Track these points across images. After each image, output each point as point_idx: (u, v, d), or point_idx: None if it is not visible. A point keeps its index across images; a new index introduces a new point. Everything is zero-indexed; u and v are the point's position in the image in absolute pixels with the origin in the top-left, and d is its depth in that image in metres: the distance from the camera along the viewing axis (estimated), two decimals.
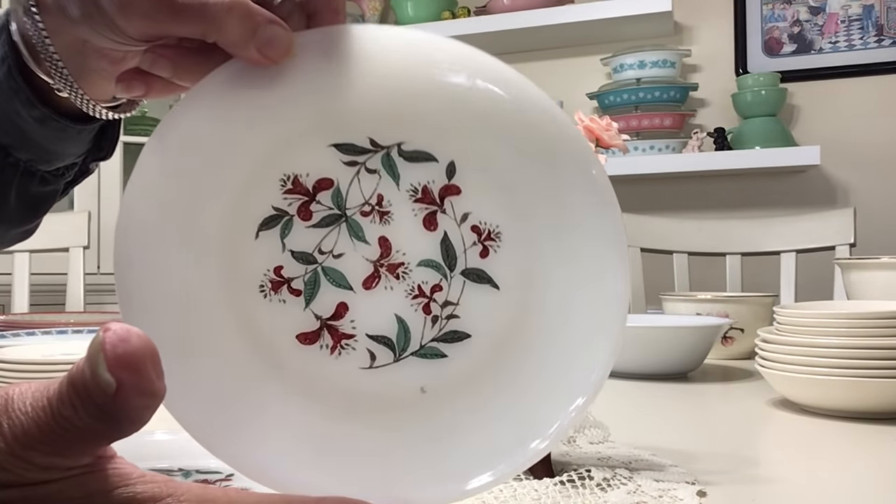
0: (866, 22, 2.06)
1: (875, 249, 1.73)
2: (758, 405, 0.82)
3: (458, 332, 0.39)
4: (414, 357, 0.39)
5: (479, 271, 0.40)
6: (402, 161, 0.39)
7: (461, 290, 0.39)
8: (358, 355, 0.39)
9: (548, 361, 0.39)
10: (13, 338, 0.97)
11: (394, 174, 0.39)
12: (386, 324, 0.39)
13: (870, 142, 2.05)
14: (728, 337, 1.14)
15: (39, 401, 0.27)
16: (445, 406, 0.39)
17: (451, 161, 0.39)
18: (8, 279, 1.71)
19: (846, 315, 0.74)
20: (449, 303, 0.39)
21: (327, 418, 0.38)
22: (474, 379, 0.39)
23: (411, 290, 0.39)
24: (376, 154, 0.39)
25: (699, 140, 2.04)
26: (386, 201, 0.39)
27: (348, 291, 0.39)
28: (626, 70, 2.08)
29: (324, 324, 0.39)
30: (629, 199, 2.15)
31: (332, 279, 0.39)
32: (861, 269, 1.07)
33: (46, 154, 0.52)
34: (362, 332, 0.39)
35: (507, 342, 0.39)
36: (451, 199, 0.40)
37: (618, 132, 1.09)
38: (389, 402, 0.39)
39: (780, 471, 0.58)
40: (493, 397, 0.39)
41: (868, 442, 0.67)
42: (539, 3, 2.14)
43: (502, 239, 0.40)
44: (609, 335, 0.38)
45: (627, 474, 0.52)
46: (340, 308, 0.39)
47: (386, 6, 2.41)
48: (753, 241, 1.69)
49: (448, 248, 0.39)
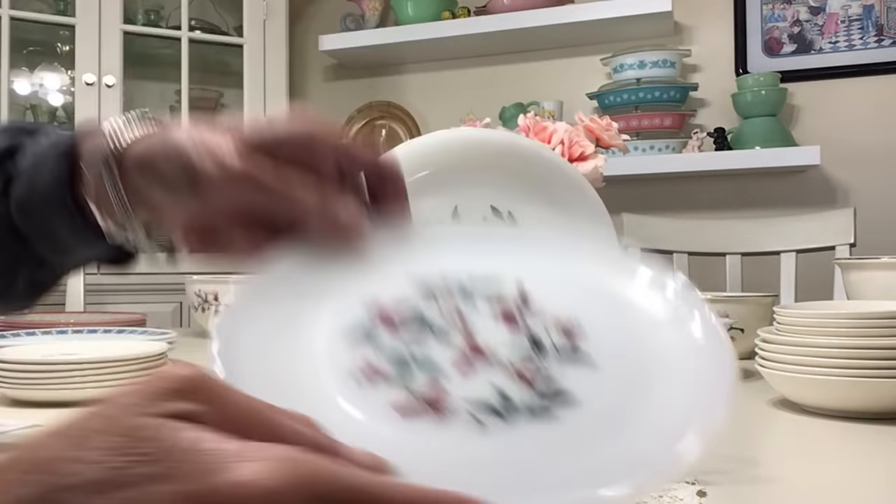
0: (866, 22, 2.06)
1: (875, 249, 1.73)
2: (758, 405, 0.82)
3: (566, 397, 0.37)
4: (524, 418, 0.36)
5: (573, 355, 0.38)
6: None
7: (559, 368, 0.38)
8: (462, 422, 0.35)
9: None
10: (13, 338, 0.97)
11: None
12: (485, 393, 0.36)
13: (870, 142, 2.05)
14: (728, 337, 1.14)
15: None
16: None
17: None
18: None
19: (846, 315, 0.74)
20: (550, 377, 0.37)
21: None
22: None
23: (507, 369, 0.37)
24: None
25: (699, 140, 2.04)
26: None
27: (440, 374, 0.37)
28: (626, 70, 2.08)
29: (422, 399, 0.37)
30: (629, 199, 2.15)
31: (422, 366, 0.37)
32: (861, 269, 1.07)
33: (64, 252, 0.52)
34: (461, 400, 0.36)
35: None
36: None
37: (618, 132, 1.09)
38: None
39: (780, 471, 0.58)
40: None
41: (868, 442, 0.67)
42: (539, 3, 2.14)
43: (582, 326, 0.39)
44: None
45: None
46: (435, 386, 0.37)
47: (386, 6, 2.41)
48: (753, 241, 1.69)
49: (536, 341, 0.39)
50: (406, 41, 2.27)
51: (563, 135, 0.98)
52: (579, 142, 0.98)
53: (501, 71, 2.38)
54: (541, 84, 2.32)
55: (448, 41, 2.26)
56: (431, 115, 2.45)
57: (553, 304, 0.40)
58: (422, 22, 2.26)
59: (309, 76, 2.61)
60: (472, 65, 2.41)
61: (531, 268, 0.42)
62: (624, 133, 1.12)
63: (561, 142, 0.97)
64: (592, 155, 0.98)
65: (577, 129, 1.01)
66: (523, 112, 1.08)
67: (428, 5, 2.27)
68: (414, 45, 2.30)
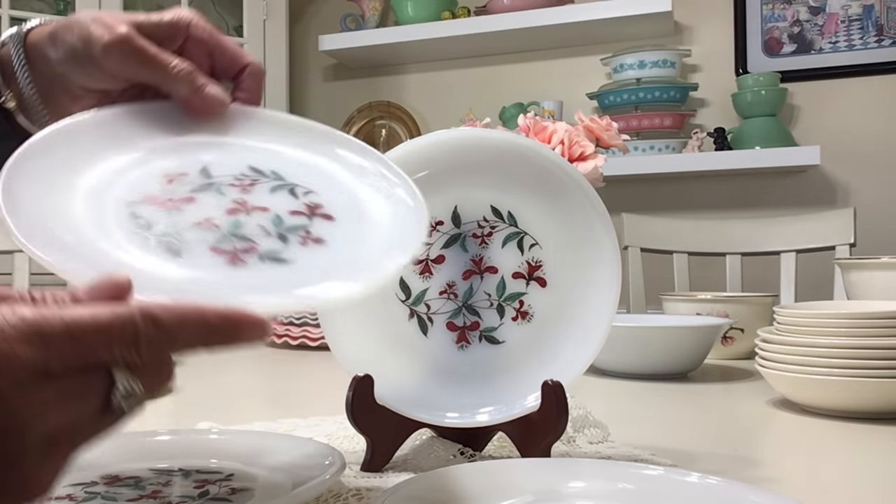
0: (866, 22, 2.06)
1: (875, 249, 1.73)
2: (758, 405, 0.82)
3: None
4: None
5: None
6: None
7: None
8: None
9: None
10: None
11: None
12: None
13: (870, 142, 2.05)
14: (728, 337, 1.14)
15: None
16: None
17: None
18: (8, 279, 1.71)
19: (846, 315, 0.74)
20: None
21: None
22: None
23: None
24: None
25: (699, 140, 2.04)
26: None
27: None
28: (626, 70, 2.08)
29: None
30: (629, 199, 2.15)
31: None
32: (861, 269, 1.07)
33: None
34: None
35: None
36: None
37: (618, 132, 1.09)
38: None
39: (780, 471, 0.58)
40: None
41: (868, 442, 0.67)
42: (539, 3, 2.14)
43: None
44: None
45: None
46: None
47: (386, 6, 2.41)
48: (753, 241, 1.69)
49: None
50: (406, 41, 2.27)
51: (563, 135, 0.98)
52: (579, 142, 0.98)
53: (501, 71, 2.38)
54: (541, 84, 2.32)
55: (448, 41, 2.26)
56: (431, 115, 2.45)
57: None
58: (422, 22, 2.26)
59: (309, 76, 2.61)
60: (472, 65, 2.41)
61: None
62: (624, 133, 1.12)
63: (561, 142, 0.97)
64: (592, 155, 0.98)
65: (577, 129, 1.01)
66: (523, 112, 1.08)
67: (428, 5, 2.27)
68: (414, 45, 2.30)
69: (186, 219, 0.43)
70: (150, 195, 0.44)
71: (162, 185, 0.45)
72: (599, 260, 0.57)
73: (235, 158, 0.49)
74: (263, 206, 0.45)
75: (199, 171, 0.47)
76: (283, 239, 0.43)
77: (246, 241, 0.42)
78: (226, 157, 0.49)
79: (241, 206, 0.45)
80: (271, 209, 0.45)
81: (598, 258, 0.57)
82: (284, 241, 0.43)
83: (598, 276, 0.57)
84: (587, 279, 0.58)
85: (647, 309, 1.68)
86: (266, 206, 0.45)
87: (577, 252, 0.58)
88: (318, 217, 0.46)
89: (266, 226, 0.44)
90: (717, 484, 0.44)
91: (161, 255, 0.40)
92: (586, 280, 0.58)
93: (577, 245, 0.58)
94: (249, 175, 0.48)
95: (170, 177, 0.46)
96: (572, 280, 0.58)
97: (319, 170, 0.50)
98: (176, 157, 0.48)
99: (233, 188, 0.46)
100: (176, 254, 0.40)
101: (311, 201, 0.47)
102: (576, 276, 0.58)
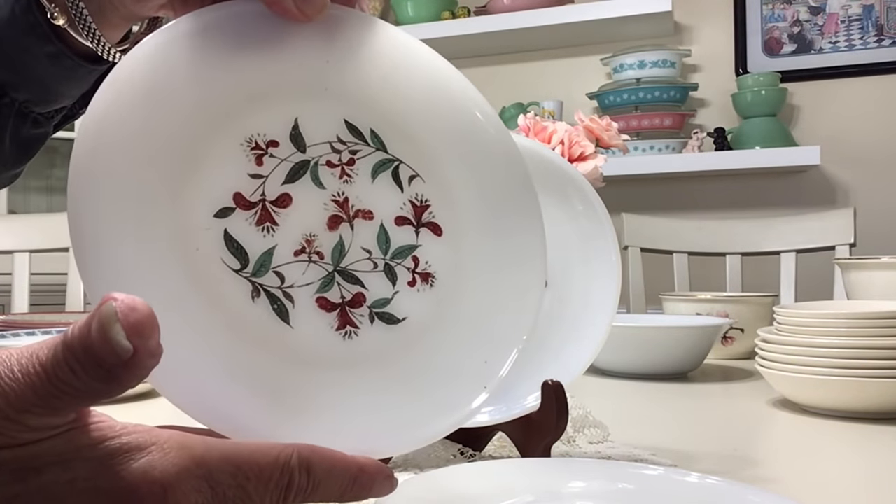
0: (866, 22, 2.06)
1: (875, 249, 1.73)
2: (758, 405, 0.82)
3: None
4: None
5: None
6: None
7: None
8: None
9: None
10: (13, 338, 0.97)
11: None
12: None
13: (870, 142, 2.05)
14: (728, 337, 1.14)
15: (30, 366, 0.27)
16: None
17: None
18: (8, 279, 1.71)
19: (846, 315, 0.74)
20: None
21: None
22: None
23: None
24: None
25: (699, 140, 2.04)
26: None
27: None
28: (626, 70, 2.08)
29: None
30: (629, 199, 2.15)
31: None
32: (861, 269, 1.07)
33: (47, 94, 0.52)
34: None
35: None
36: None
37: (618, 132, 1.09)
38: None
39: (780, 471, 0.58)
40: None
41: (868, 442, 0.67)
42: (539, 3, 2.14)
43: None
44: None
45: None
46: None
47: (386, 6, 2.41)
48: (753, 241, 1.69)
49: None
50: None
51: (563, 135, 0.98)
52: (579, 142, 0.98)
53: (501, 71, 2.38)
54: (541, 84, 2.32)
55: (448, 41, 2.26)
56: None
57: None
58: (422, 22, 2.26)
59: None
60: (473, 65, 2.41)
61: None
62: (624, 133, 1.12)
63: (561, 142, 0.97)
64: (592, 155, 0.98)
65: (577, 129, 1.00)
66: (523, 112, 1.08)
67: (428, 5, 2.27)
68: None
69: (286, 240, 0.37)
70: (237, 190, 0.37)
71: (249, 164, 0.37)
72: (599, 260, 0.57)
73: (330, 105, 0.39)
74: (367, 208, 0.38)
75: (290, 134, 0.38)
76: (391, 274, 0.38)
77: (352, 280, 0.37)
78: (318, 102, 0.38)
79: (342, 209, 0.38)
80: (375, 214, 0.38)
81: (599, 258, 0.57)
82: (392, 279, 0.37)
83: (598, 275, 0.57)
84: (587, 279, 0.58)
85: (647, 309, 1.68)
86: (370, 208, 0.38)
87: (577, 252, 0.58)
88: (425, 228, 0.39)
89: (372, 249, 0.37)
90: (717, 484, 0.44)
91: (268, 320, 0.35)
92: (586, 280, 0.58)
93: (578, 245, 0.58)
94: (347, 141, 0.39)
95: (256, 146, 0.37)
96: (572, 280, 0.58)
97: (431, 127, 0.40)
98: (262, 109, 0.37)
99: (330, 170, 0.38)
100: (284, 319, 0.35)
101: (417, 196, 0.39)
102: (576, 276, 0.58)
